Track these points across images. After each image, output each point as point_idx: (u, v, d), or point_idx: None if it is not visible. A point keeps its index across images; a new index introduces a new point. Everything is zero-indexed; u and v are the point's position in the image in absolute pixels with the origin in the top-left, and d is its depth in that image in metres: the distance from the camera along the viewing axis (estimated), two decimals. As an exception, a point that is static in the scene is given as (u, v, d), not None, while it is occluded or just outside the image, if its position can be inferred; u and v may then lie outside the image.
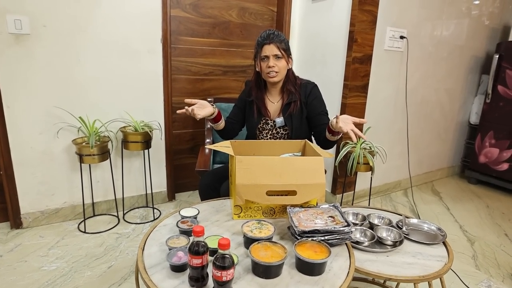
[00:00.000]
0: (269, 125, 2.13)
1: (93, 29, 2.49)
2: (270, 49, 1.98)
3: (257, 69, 2.10)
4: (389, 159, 3.13)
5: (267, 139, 2.14)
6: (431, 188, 3.87)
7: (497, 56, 3.63)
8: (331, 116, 2.23)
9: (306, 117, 2.11)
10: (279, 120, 2.10)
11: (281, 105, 2.12)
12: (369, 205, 3.03)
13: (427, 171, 4.02)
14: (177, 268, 1.19)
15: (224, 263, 1.06)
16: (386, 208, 3.18)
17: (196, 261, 1.09)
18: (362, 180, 3.24)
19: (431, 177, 4.10)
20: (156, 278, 1.17)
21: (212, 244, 1.29)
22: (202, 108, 1.92)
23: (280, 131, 2.13)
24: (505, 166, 3.70)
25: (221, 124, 2.07)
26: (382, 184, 3.52)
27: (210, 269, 1.13)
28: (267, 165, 1.53)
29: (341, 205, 2.99)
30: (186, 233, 1.41)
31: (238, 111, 2.22)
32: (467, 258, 2.46)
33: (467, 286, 2.10)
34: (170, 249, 1.27)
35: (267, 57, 1.99)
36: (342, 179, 3.05)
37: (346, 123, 1.72)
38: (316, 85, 2.15)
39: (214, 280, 1.08)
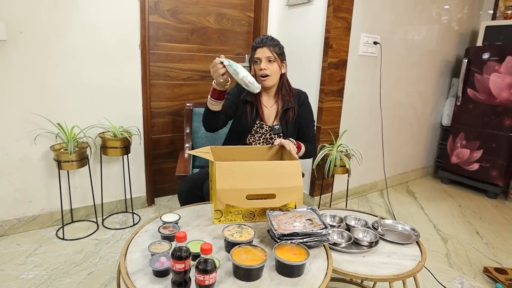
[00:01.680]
0: (263, 129, 2.13)
1: (71, 35, 2.48)
2: (263, 52, 2.01)
3: (251, 73, 2.10)
4: (365, 161, 3.21)
5: (259, 143, 2.15)
6: (406, 189, 3.97)
7: (466, 60, 3.76)
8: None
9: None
10: (277, 126, 2.12)
11: (276, 111, 2.14)
12: (346, 206, 3.10)
13: (401, 172, 4.12)
14: (160, 273, 1.21)
15: (206, 267, 1.09)
16: (363, 209, 3.25)
17: (179, 266, 1.11)
18: (339, 182, 3.30)
19: (406, 178, 4.21)
20: (139, 284, 1.18)
21: (194, 248, 1.31)
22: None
23: (275, 137, 2.14)
24: (475, 166, 3.83)
25: (220, 106, 1.97)
26: (358, 185, 3.60)
27: (192, 273, 1.15)
28: (246, 170, 1.56)
29: (319, 207, 3.08)
30: (168, 238, 1.43)
31: (231, 103, 2.14)
32: (441, 256, 2.54)
33: (440, 284, 2.18)
34: (152, 255, 1.29)
35: (259, 59, 2.02)
36: (320, 181, 3.11)
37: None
38: (307, 96, 2.21)
39: (197, 284, 1.11)
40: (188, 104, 2.86)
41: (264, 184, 1.55)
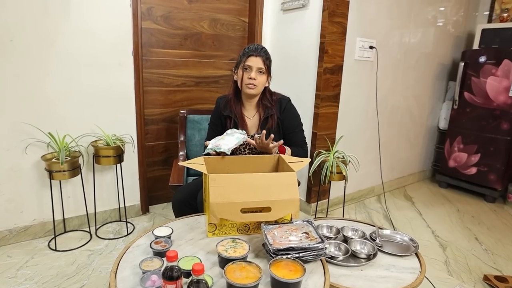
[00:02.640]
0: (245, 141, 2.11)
1: (62, 43, 2.44)
2: (256, 61, 1.98)
3: (235, 78, 2.08)
4: (361, 166, 3.17)
5: (245, 153, 2.13)
6: (403, 193, 3.94)
7: (463, 64, 3.74)
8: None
9: (282, 133, 2.12)
10: (258, 136, 2.08)
11: (258, 120, 2.12)
12: (343, 214, 3.07)
13: (399, 177, 4.09)
14: (151, 293, 1.17)
15: (198, 288, 1.05)
16: (360, 215, 3.23)
17: (170, 287, 1.08)
18: (336, 188, 3.27)
19: (403, 182, 4.18)
20: (130, 304, 1.14)
21: (186, 265, 1.27)
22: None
23: None
24: (473, 170, 3.80)
25: None
26: (355, 191, 3.57)
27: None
28: (240, 183, 1.52)
29: (315, 214, 3.05)
30: (160, 254, 1.39)
31: (218, 123, 2.18)
32: (440, 264, 2.51)
33: (440, 293, 2.15)
34: (143, 273, 1.25)
35: (250, 67, 1.98)
36: (316, 188, 3.07)
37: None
38: (290, 100, 2.17)
39: (189, 305, 1.07)
40: (182, 111, 2.83)
41: (259, 196, 1.52)
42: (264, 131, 1.89)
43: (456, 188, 4.09)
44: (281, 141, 1.90)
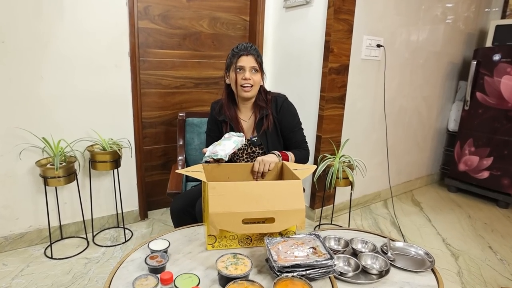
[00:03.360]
0: (244, 144, 2.01)
1: (56, 45, 2.36)
2: (248, 61, 1.88)
3: (227, 82, 1.99)
4: (368, 170, 3.07)
5: (243, 159, 2.04)
6: (411, 198, 3.83)
7: (475, 62, 3.61)
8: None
9: (281, 133, 2.02)
10: (255, 139, 1.99)
11: (254, 122, 2.02)
12: (349, 220, 2.97)
13: (406, 181, 3.98)
14: (144, 317, 1.07)
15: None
16: (367, 222, 3.13)
17: (164, 312, 0.97)
18: (341, 193, 3.17)
19: (411, 186, 4.07)
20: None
21: (184, 284, 1.18)
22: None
23: (257, 150, 2.02)
24: (485, 174, 3.68)
25: None
26: (361, 195, 3.46)
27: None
28: (242, 191, 1.42)
29: (320, 220, 2.94)
30: (155, 271, 1.29)
31: (215, 129, 2.10)
32: (453, 275, 2.39)
33: (454, 307, 2.04)
34: (136, 293, 1.15)
35: (243, 68, 1.88)
36: (321, 193, 2.97)
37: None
38: (286, 98, 2.06)
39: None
40: (181, 114, 2.75)
41: (262, 206, 1.41)
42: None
43: (466, 193, 3.96)
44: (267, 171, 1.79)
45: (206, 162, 1.74)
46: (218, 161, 1.73)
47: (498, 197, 3.63)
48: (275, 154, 1.83)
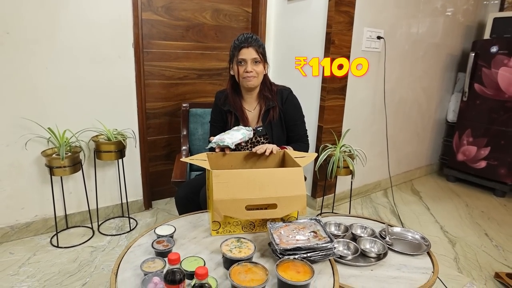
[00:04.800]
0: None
1: (60, 36, 2.38)
2: (249, 53, 1.90)
3: (231, 73, 2.02)
4: (368, 160, 3.11)
5: (247, 148, 2.07)
6: (410, 188, 3.88)
7: (473, 54, 3.65)
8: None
9: (285, 125, 2.06)
10: (260, 129, 2.02)
11: (259, 113, 2.05)
12: (349, 209, 3.01)
13: (406, 170, 4.03)
14: (152, 296, 1.12)
15: (202, 293, 0.99)
16: (367, 210, 3.18)
17: (172, 290, 1.02)
18: (342, 182, 3.21)
19: (410, 176, 4.11)
20: (130, 308, 1.09)
21: (190, 266, 1.23)
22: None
23: (261, 140, 2.06)
24: (482, 164, 3.73)
25: None
26: (362, 185, 3.51)
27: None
28: (245, 179, 1.47)
29: (321, 209, 2.99)
30: (162, 254, 1.34)
31: (219, 119, 2.13)
32: (449, 261, 2.45)
33: (450, 291, 2.09)
34: (145, 274, 1.20)
35: (244, 60, 1.91)
36: (322, 182, 3.02)
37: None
38: (291, 91, 2.10)
39: (191, 310, 1.02)
40: (184, 105, 2.78)
41: (264, 193, 1.46)
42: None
43: (464, 182, 4.01)
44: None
45: (211, 148, 1.78)
46: (224, 149, 1.77)
47: (495, 186, 3.68)
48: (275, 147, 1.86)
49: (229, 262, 1.25)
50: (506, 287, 2.15)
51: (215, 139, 1.77)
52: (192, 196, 2.00)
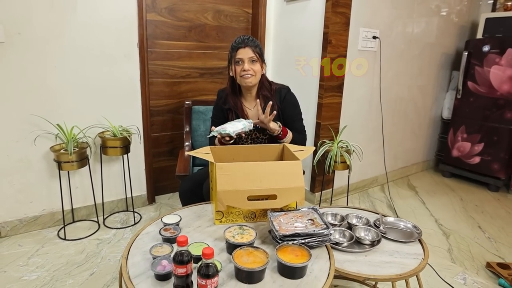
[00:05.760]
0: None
1: (69, 36, 2.46)
2: (245, 52, 1.99)
3: (231, 74, 2.10)
4: (365, 156, 3.20)
5: (247, 143, 2.15)
6: (407, 183, 3.96)
7: (466, 53, 3.74)
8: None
9: (283, 122, 2.15)
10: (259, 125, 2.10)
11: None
12: (347, 203, 3.09)
13: (402, 166, 4.11)
14: (162, 277, 1.21)
15: (208, 271, 1.08)
16: (364, 204, 3.26)
17: (181, 270, 1.11)
18: (340, 178, 3.30)
19: (407, 172, 4.20)
20: (141, 288, 1.18)
21: (196, 251, 1.31)
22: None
23: (260, 135, 2.14)
24: (476, 159, 3.82)
25: None
26: (359, 180, 3.59)
27: (194, 276, 1.15)
28: (247, 171, 1.56)
29: (320, 203, 3.08)
30: (169, 240, 1.43)
31: (221, 115, 2.21)
32: (443, 252, 2.54)
33: (443, 280, 2.18)
34: (154, 258, 1.28)
35: (241, 60, 1.99)
36: (321, 177, 3.10)
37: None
38: (289, 89, 2.18)
39: (199, 288, 1.11)
40: (187, 102, 2.85)
41: (265, 184, 1.55)
42: (270, 102, 1.95)
43: (459, 178, 4.11)
44: (274, 113, 1.93)
45: (213, 137, 1.86)
46: (225, 138, 1.86)
47: (489, 181, 3.77)
48: (277, 123, 1.99)
49: (232, 247, 1.33)
50: (497, 276, 2.24)
51: (217, 128, 1.85)
52: (195, 189, 2.08)
